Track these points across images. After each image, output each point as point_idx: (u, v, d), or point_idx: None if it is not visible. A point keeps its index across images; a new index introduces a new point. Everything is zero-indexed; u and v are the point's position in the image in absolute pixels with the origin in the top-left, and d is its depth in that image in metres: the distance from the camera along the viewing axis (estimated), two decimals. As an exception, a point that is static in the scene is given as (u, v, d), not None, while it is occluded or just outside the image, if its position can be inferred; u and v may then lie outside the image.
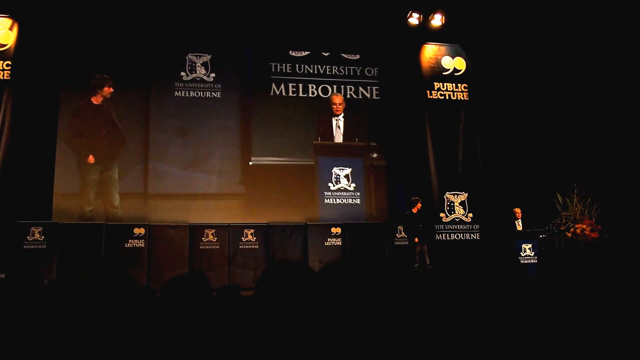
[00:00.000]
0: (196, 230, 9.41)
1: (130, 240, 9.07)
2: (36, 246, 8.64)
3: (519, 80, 10.73)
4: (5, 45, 9.47)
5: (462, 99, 11.23)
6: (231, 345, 1.70)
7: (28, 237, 8.63)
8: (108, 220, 9.58)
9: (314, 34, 10.78)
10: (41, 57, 9.59)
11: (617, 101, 9.85)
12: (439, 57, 11.32)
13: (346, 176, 10.73)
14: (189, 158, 10.26)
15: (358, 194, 10.74)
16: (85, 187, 9.70)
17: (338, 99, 11.00)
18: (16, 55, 9.44)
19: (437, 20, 10.84)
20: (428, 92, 11.09)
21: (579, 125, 10.18)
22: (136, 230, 9.14)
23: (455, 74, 11.32)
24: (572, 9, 9.91)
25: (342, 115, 10.97)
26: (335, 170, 10.72)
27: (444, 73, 11.27)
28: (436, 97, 11.12)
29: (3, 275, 7.28)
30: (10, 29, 9.54)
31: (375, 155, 11.01)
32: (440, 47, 11.38)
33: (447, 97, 11.17)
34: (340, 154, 10.91)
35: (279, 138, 10.64)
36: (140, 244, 9.09)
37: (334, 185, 10.66)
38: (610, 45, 9.85)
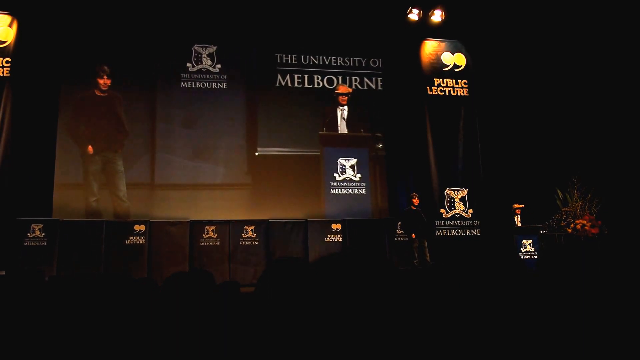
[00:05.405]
0: (196, 227, 9.42)
1: (130, 237, 9.08)
2: (36, 243, 8.65)
3: (519, 76, 10.71)
4: (4, 42, 9.45)
5: (462, 94, 11.22)
6: (230, 341, 1.70)
7: (28, 234, 8.64)
8: (115, 211, 9.65)
9: (317, 30, 10.78)
10: (42, 53, 9.57)
11: (617, 97, 9.83)
12: (439, 53, 11.31)
13: (352, 166, 10.75)
14: (196, 149, 10.30)
15: (364, 184, 10.76)
16: (88, 177, 9.73)
17: (342, 89, 11.01)
18: (16, 52, 9.42)
19: (437, 16, 10.82)
20: (428, 88, 11.08)
21: (579, 121, 10.17)
22: (136, 227, 9.15)
23: (455, 69, 11.30)
24: (572, 5, 9.89)
25: (347, 105, 10.97)
26: (341, 160, 10.75)
27: (444, 69, 11.26)
28: (436, 93, 11.11)
29: (3, 273, 7.28)
30: (10, 25, 9.52)
31: (380, 145, 11.03)
32: (440, 43, 11.36)
33: (447, 93, 11.16)
34: (346, 145, 10.93)
35: (285, 129, 10.68)
36: (141, 240, 9.10)
37: (339, 176, 10.68)
38: (609, 41, 9.83)
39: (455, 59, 11.34)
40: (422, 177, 10.79)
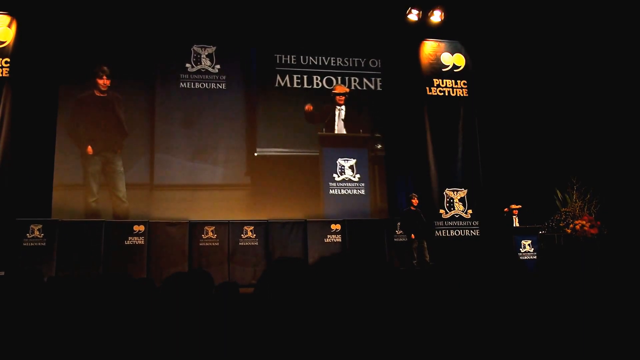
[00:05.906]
0: (196, 227, 9.42)
1: (130, 238, 9.08)
2: (35, 243, 8.65)
3: (519, 77, 10.72)
4: (4, 42, 9.45)
5: (462, 95, 11.23)
6: (229, 342, 1.70)
7: (27, 234, 8.64)
8: (114, 212, 9.66)
9: (316, 30, 10.79)
10: (41, 53, 9.56)
11: (615, 97, 9.84)
12: (438, 54, 11.31)
13: (351, 167, 10.75)
14: (195, 149, 10.30)
15: (362, 184, 10.76)
16: (87, 178, 9.73)
17: (339, 89, 11.02)
18: (15, 52, 9.41)
19: (436, 17, 10.83)
20: (427, 88, 11.09)
21: (578, 121, 10.17)
22: (136, 228, 9.15)
23: (455, 70, 11.31)
24: (571, 5, 9.90)
25: (344, 105, 10.98)
26: (340, 161, 10.74)
27: (443, 69, 11.26)
28: (435, 93, 11.12)
29: (3, 273, 7.27)
30: (9, 26, 9.52)
31: (379, 146, 11.02)
32: (440, 44, 11.37)
33: (446, 94, 11.17)
34: (345, 145, 10.93)
35: (283, 129, 10.68)
36: (140, 241, 9.10)
37: (338, 176, 10.68)
38: (608, 41, 9.83)
39: (454, 60, 11.35)
40: (421, 177, 10.79)
